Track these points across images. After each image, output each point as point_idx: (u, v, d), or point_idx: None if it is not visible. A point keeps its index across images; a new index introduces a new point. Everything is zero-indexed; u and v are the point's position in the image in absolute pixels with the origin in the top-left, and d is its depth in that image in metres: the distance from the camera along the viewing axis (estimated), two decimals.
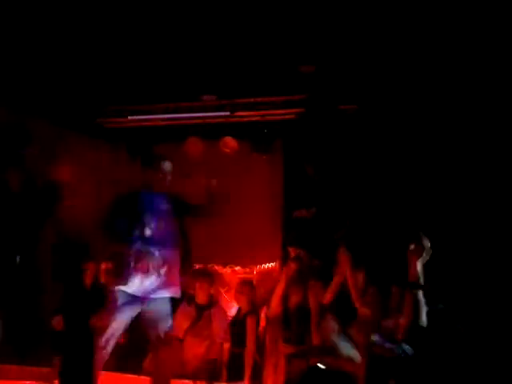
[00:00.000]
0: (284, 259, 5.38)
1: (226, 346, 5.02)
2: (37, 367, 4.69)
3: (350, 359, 4.10)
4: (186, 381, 4.60)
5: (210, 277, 5.13)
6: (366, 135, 5.63)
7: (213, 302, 5.03)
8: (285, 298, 4.94)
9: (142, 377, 4.35)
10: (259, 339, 5.01)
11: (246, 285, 5.29)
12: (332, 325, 4.34)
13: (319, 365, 4.35)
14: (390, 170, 5.54)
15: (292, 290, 4.88)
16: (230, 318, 5.28)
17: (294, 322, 4.81)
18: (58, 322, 4.93)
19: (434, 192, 5.36)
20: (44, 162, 5.78)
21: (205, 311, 4.94)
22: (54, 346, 4.86)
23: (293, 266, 4.85)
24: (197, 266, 5.33)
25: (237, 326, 5.07)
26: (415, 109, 5.47)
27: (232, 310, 5.49)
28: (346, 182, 5.65)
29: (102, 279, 5.69)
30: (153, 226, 3.70)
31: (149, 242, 3.68)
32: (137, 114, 6.43)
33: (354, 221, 5.42)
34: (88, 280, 5.23)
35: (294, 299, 4.86)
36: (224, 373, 4.98)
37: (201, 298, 4.92)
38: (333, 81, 5.57)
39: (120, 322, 3.63)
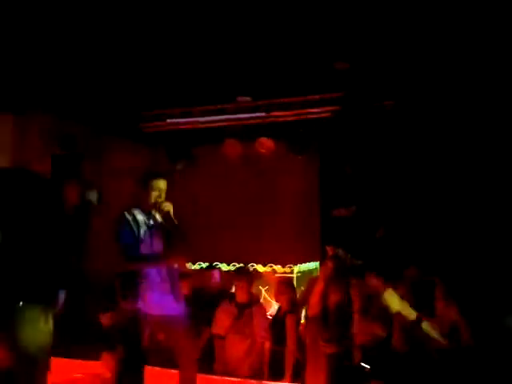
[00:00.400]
0: (323, 258, 5.36)
1: (267, 344, 5.05)
2: (85, 360, 4.83)
3: None
4: (229, 378, 4.65)
5: (248, 276, 5.16)
6: (404, 131, 5.56)
7: (253, 301, 5.06)
8: (324, 298, 4.93)
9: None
10: (300, 338, 5.02)
11: (286, 284, 5.30)
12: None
13: (363, 364, 4.34)
14: (428, 167, 5.45)
15: (331, 290, 4.86)
16: (271, 317, 5.31)
17: (334, 322, 4.80)
18: (106, 318, 5.09)
19: (473, 189, 5.26)
20: (91, 172, 5.97)
21: (246, 310, 4.98)
22: (103, 341, 5.01)
23: (330, 264, 4.82)
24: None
25: (277, 325, 5.09)
26: (452, 104, 5.37)
27: (272, 309, 5.51)
28: (384, 179, 5.59)
29: None
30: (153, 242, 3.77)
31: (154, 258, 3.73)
32: (175, 118, 6.52)
33: (393, 219, 5.38)
34: None
35: (333, 298, 4.84)
36: (265, 371, 5.01)
37: (241, 296, 4.96)
38: (368, 77, 5.51)
39: None
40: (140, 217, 3.74)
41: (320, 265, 5.28)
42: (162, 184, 3.80)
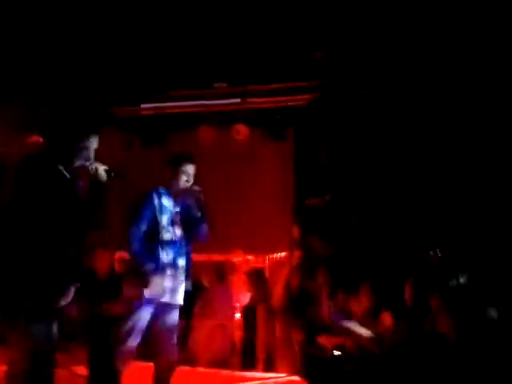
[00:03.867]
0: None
1: (238, 333, 5.03)
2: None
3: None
4: (198, 369, 4.62)
5: (214, 265, 5.14)
6: (378, 120, 5.56)
7: (215, 285, 5.02)
8: (288, 286, 4.93)
9: None
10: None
11: (257, 274, 5.29)
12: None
13: (335, 352, 4.35)
14: (402, 155, 5.47)
15: (295, 277, 4.86)
16: (242, 306, 5.30)
17: (300, 309, 4.80)
18: (72, 309, 4.99)
19: (447, 180, 5.29)
20: None
21: (208, 292, 4.95)
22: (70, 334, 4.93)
23: (297, 254, 4.84)
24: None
25: (249, 315, 5.08)
26: (427, 92, 5.38)
27: (244, 299, 5.49)
28: (358, 168, 5.59)
29: (117, 268, 5.75)
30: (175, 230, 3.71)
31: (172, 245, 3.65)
32: (149, 102, 6.42)
33: (367, 208, 5.38)
34: (103, 269, 5.27)
35: (295, 284, 4.84)
36: (237, 361, 5.00)
37: (205, 281, 4.93)
38: (344, 66, 5.50)
39: (141, 317, 3.62)
40: (166, 201, 3.66)
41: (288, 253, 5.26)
42: (191, 169, 3.69)
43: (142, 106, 6.53)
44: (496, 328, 3.47)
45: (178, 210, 3.70)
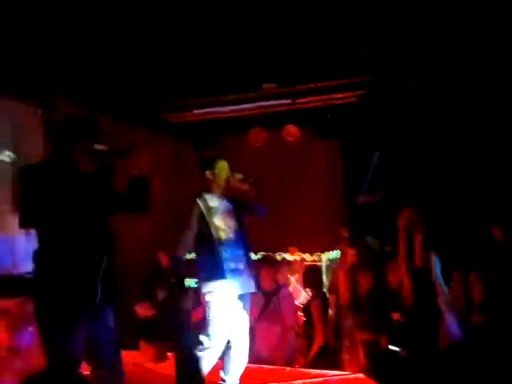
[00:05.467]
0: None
1: (299, 330, 5.03)
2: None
3: None
4: (263, 366, 4.62)
5: (273, 264, 5.15)
6: (430, 114, 5.47)
7: (279, 289, 5.04)
8: (354, 285, 4.89)
9: None
10: (331, 325, 4.99)
11: (313, 272, 5.28)
12: None
13: (390, 347, 4.30)
14: (455, 150, 5.36)
15: (361, 277, 4.82)
16: (302, 306, 5.29)
17: (367, 308, 4.76)
18: (143, 309, 5.14)
19: (503, 172, 5.15)
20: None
21: (272, 297, 4.97)
22: (140, 331, 5.04)
23: (351, 252, 4.80)
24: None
25: (307, 313, 5.08)
26: (481, 87, 5.26)
27: (302, 298, 5.49)
28: (410, 164, 5.51)
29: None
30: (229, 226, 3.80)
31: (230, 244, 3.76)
32: (200, 108, 6.49)
33: (421, 204, 5.29)
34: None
35: (365, 285, 4.80)
36: (299, 358, 4.99)
37: (266, 284, 4.94)
38: (394, 60, 5.43)
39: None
40: (212, 203, 3.78)
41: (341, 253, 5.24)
42: (226, 164, 3.88)
43: (195, 112, 6.60)
44: None
45: (224, 207, 3.81)
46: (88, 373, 2.83)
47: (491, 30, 4.84)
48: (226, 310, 3.70)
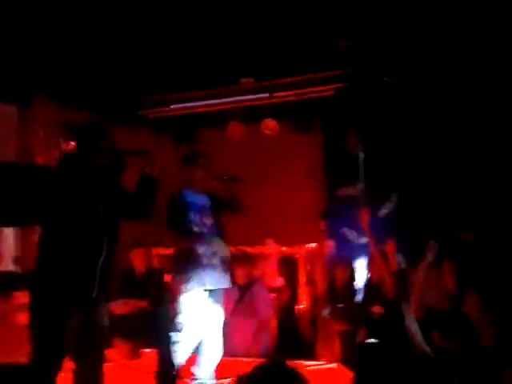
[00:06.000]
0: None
1: (273, 322, 5.07)
2: None
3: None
4: (238, 359, 4.66)
5: (246, 258, 5.18)
6: (407, 108, 5.52)
7: (253, 282, 5.07)
8: (330, 276, 4.94)
9: None
10: (307, 316, 5.05)
11: (288, 262, 5.33)
12: None
13: (369, 340, 4.34)
14: (434, 142, 5.41)
15: (337, 268, 4.87)
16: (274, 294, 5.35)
17: (342, 300, 4.82)
18: (118, 306, 5.12)
19: (485, 168, 5.22)
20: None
21: (246, 291, 5.00)
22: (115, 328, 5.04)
23: (327, 244, 4.85)
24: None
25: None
26: (459, 80, 5.32)
27: (276, 282, 5.57)
28: (388, 156, 5.56)
29: (155, 265, 5.87)
30: (205, 222, 3.82)
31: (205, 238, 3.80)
32: (178, 103, 6.50)
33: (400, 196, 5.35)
34: (139, 265, 5.38)
35: (341, 276, 4.86)
36: (274, 349, 5.03)
37: (240, 278, 4.97)
38: (371, 54, 5.47)
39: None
40: (189, 198, 3.82)
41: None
42: (205, 160, 3.93)
43: (172, 107, 6.61)
44: None
45: (201, 203, 3.86)
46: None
47: (468, 24, 4.89)
48: (198, 305, 3.73)
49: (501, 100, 5.15)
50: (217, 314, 3.86)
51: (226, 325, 3.95)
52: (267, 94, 6.09)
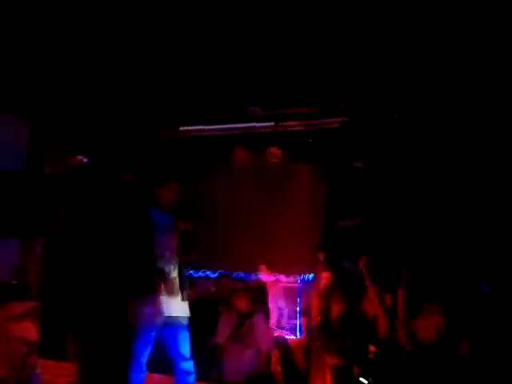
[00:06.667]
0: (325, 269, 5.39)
1: (276, 355, 5.05)
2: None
3: None
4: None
5: (246, 285, 5.21)
6: (412, 143, 5.56)
7: (254, 310, 5.10)
8: (326, 309, 4.96)
9: None
10: (302, 347, 5.05)
11: (289, 293, 5.33)
12: None
13: (361, 379, 4.35)
14: (437, 179, 5.44)
15: (334, 301, 4.89)
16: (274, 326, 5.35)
17: (338, 333, 4.82)
18: None
19: (485, 204, 5.23)
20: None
21: (246, 319, 5.02)
22: None
23: (325, 275, 4.87)
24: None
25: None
26: (464, 116, 5.36)
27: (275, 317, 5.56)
28: (392, 191, 5.59)
29: None
30: (167, 243, 3.85)
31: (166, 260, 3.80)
32: (186, 125, 6.60)
33: (401, 232, 5.37)
34: None
35: (337, 310, 4.87)
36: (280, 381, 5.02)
37: (240, 306, 5.00)
38: (377, 89, 5.53)
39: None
40: (156, 217, 3.86)
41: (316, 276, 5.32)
42: (177, 186, 3.97)
43: (181, 128, 6.70)
44: None
45: (167, 224, 3.91)
46: None
47: (470, 62, 4.95)
48: (150, 329, 3.71)
49: (505, 140, 5.19)
50: (182, 341, 3.84)
51: (222, 351, 3.97)
52: (272, 123, 6.16)
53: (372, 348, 4.42)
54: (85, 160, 6.50)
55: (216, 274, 5.85)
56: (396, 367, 4.24)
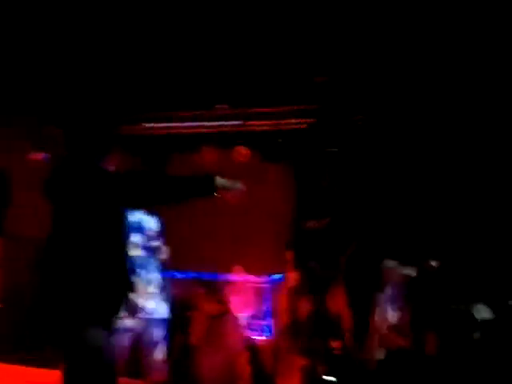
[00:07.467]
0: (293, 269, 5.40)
1: (245, 356, 5.03)
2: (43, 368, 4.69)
3: None
4: None
5: (214, 287, 5.18)
6: (376, 145, 5.64)
7: (223, 312, 5.06)
8: (293, 309, 4.97)
9: None
10: (269, 349, 5.05)
11: (257, 293, 5.32)
12: None
13: (325, 377, 4.39)
14: (402, 180, 5.53)
15: (300, 301, 4.90)
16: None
17: (305, 333, 4.84)
18: None
19: (446, 199, 5.35)
20: None
21: (215, 320, 4.98)
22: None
23: (292, 275, 4.89)
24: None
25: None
26: (424, 118, 5.46)
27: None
28: (358, 192, 5.65)
29: None
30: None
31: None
32: (151, 122, 6.49)
33: (366, 233, 5.43)
34: None
35: (304, 310, 4.89)
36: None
37: (207, 308, 4.96)
38: (344, 91, 5.58)
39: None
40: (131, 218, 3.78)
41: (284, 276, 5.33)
42: None
43: (144, 125, 6.59)
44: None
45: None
46: None
47: (435, 67, 5.04)
48: (124, 330, 3.67)
49: (470, 142, 5.31)
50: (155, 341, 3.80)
51: (193, 351, 3.94)
52: (241, 122, 6.13)
53: (335, 344, 4.46)
54: (44, 156, 6.32)
55: (183, 275, 5.78)
56: (361, 364, 4.30)
